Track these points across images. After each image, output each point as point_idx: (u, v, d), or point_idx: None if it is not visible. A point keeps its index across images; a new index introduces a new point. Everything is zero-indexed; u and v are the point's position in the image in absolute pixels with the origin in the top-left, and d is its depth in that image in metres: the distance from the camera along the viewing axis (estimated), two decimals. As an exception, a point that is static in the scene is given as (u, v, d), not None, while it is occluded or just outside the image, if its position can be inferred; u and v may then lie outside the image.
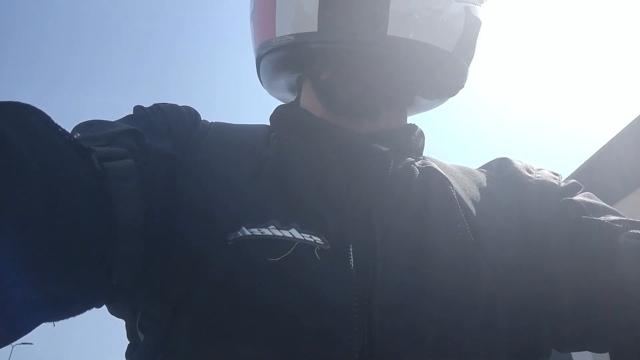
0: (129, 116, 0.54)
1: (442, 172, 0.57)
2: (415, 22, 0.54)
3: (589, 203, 0.55)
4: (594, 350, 0.51)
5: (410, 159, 0.57)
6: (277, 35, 0.58)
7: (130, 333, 0.52)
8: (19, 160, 0.34)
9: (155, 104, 0.57)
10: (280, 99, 0.70)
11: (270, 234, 0.46)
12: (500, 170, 0.62)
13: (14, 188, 0.33)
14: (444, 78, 0.60)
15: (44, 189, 0.35)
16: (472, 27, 0.58)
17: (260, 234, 0.46)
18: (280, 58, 0.60)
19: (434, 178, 0.56)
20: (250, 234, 0.46)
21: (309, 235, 0.46)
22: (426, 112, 0.70)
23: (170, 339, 0.45)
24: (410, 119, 0.67)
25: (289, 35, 0.57)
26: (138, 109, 0.56)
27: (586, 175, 5.61)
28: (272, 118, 0.62)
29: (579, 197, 0.55)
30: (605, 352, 0.49)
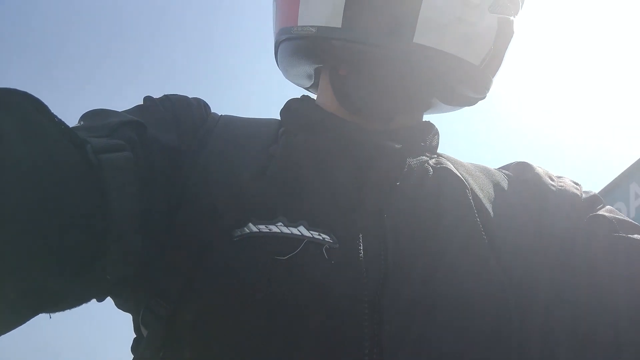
0: (137, 106, 0.54)
1: (456, 172, 0.55)
2: (443, 32, 0.51)
3: (619, 220, 0.53)
4: None
5: (424, 157, 0.56)
6: (298, 24, 0.56)
7: (136, 328, 0.52)
8: (9, 149, 0.33)
9: (165, 95, 0.56)
10: (296, 84, 0.68)
11: (278, 231, 0.45)
12: (519, 174, 0.60)
13: (2, 179, 0.32)
14: (465, 90, 0.58)
15: (34, 179, 0.34)
16: (503, 40, 0.55)
17: (267, 230, 0.45)
18: (299, 48, 0.59)
19: (448, 178, 0.54)
20: (257, 230, 0.45)
21: (317, 233, 0.45)
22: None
23: (173, 335, 0.45)
24: (425, 117, 0.65)
25: (310, 26, 0.55)
26: (147, 99, 0.55)
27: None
28: (282, 112, 0.61)
29: (606, 213, 0.54)
30: None
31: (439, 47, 0.51)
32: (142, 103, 0.54)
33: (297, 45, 0.58)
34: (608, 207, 0.56)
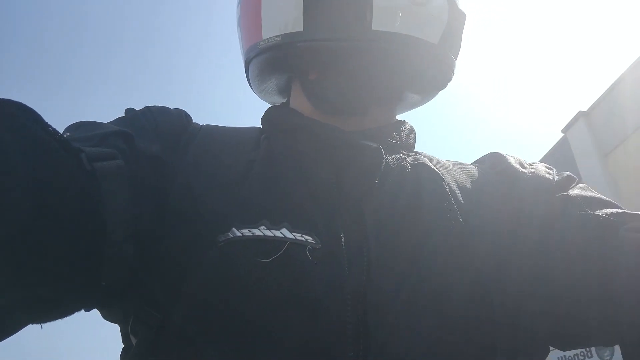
0: (119, 118, 0.54)
1: (434, 167, 0.57)
2: (398, 16, 0.54)
3: (585, 197, 0.54)
4: (600, 344, 0.51)
5: (401, 155, 0.57)
6: (263, 38, 0.58)
7: (124, 337, 0.52)
8: (5, 156, 0.33)
9: (146, 107, 0.57)
10: (271, 103, 0.70)
11: (261, 234, 0.46)
12: (494, 165, 0.61)
13: None
14: (430, 70, 0.59)
15: (29, 187, 0.34)
16: (456, 19, 0.58)
17: (250, 234, 0.46)
18: (268, 60, 0.60)
19: (425, 173, 0.55)
20: (240, 234, 0.46)
21: (300, 235, 0.46)
22: (418, 108, 0.69)
23: (161, 343, 0.45)
24: (401, 117, 0.67)
25: (275, 36, 0.57)
26: (129, 111, 0.55)
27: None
28: (262, 119, 0.62)
29: (574, 192, 0.55)
30: (613, 345, 0.49)
31: (397, 30, 0.54)
32: (123, 115, 0.55)
33: (265, 59, 0.60)
34: (581, 184, 0.57)
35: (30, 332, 0.40)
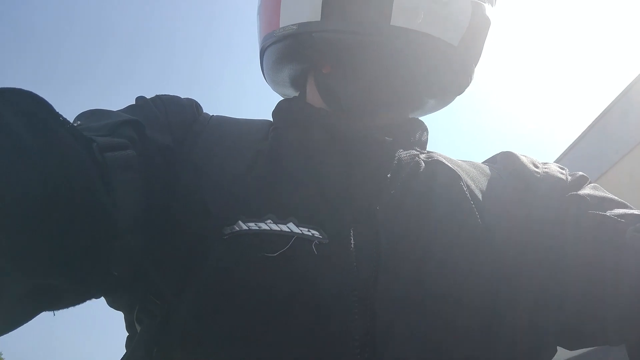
0: (130, 106, 0.54)
1: (449, 165, 0.56)
2: (418, 13, 0.53)
3: (595, 196, 0.53)
4: (606, 343, 0.50)
5: (414, 151, 0.56)
6: (280, 26, 0.57)
7: (129, 325, 0.52)
8: (18, 145, 0.34)
9: (157, 95, 0.57)
10: (283, 95, 0.69)
11: (268, 228, 0.45)
12: (506, 165, 0.60)
13: (10, 173, 0.33)
14: (447, 73, 0.58)
15: (40, 176, 0.34)
16: (479, 24, 0.56)
17: (257, 228, 0.45)
18: (283, 49, 0.59)
19: (440, 170, 0.54)
20: (247, 228, 0.45)
21: (307, 229, 0.46)
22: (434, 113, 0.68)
23: (166, 333, 0.45)
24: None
25: (292, 25, 0.56)
26: (140, 99, 0.55)
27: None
28: (273, 112, 0.62)
29: (585, 191, 0.54)
30: (619, 344, 0.49)
31: (416, 28, 0.53)
32: (134, 103, 0.55)
33: (281, 47, 0.59)
34: (592, 184, 0.57)
35: (31, 325, 0.40)
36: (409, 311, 0.44)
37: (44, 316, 0.41)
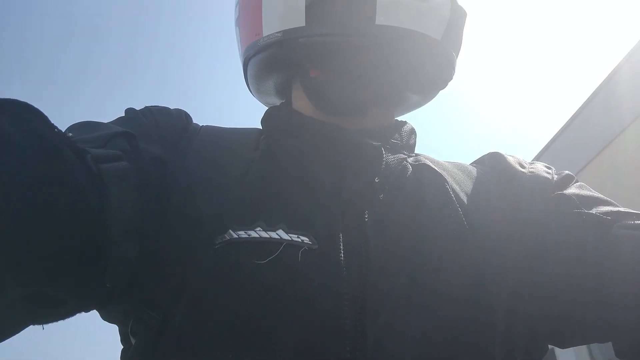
0: (120, 118, 0.54)
1: (435, 168, 0.56)
2: (402, 10, 0.54)
3: (581, 195, 0.54)
4: (595, 341, 0.51)
5: (402, 155, 0.57)
6: (264, 35, 0.57)
7: (123, 338, 0.52)
8: (14, 155, 0.34)
9: (146, 107, 0.57)
10: (268, 104, 0.69)
11: (257, 235, 0.46)
12: (493, 165, 0.61)
13: (5, 182, 0.33)
14: (433, 68, 0.59)
15: (37, 186, 0.35)
16: (458, 16, 0.58)
17: (247, 236, 0.46)
18: (268, 58, 0.59)
19: (427, 174, 0.55)
20: (237, 236, 0.46)
21: (296, 236, 0.46)
22: (416, 110, 0.69)
23: (160, 344, 0.45)
24: (401, 118, 0.66)
25: (276, 32, 0.56)
26: (129, 111, 0.55)
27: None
28: (262, 120, 0.62)
29: (571, 190, 0.55)
30: (607, 342, 0.49)
31: (401, 25, 0.53)
32: (124, 115, 0.55)
33: (266, 56, 0.59)
34: (579, 183, 0.57)
35: (30, 334, 0.40)
36: (399, 310, 0.45)
37: (38, 334, 0.40)
